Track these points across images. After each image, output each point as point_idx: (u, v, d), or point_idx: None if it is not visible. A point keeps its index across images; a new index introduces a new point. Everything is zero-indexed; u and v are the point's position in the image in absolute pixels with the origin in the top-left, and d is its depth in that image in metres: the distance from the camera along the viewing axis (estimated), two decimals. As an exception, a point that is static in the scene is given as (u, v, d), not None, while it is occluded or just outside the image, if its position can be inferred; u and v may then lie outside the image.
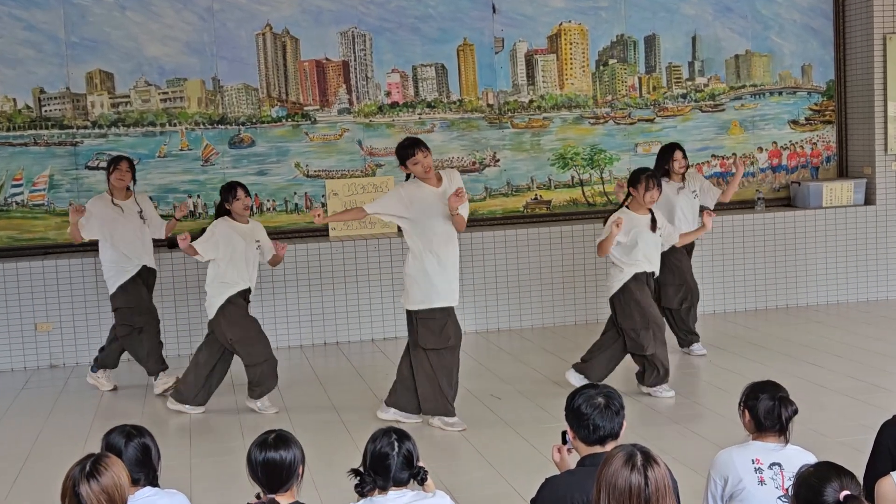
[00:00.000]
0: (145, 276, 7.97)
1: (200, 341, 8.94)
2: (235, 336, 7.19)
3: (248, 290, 7.32)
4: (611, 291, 7.36)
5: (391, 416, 6.84)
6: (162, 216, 9.15)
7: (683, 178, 8.45)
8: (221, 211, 7.33)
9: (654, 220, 7.27)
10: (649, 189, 7.17)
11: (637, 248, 7.23)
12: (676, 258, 8.31)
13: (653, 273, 7.37)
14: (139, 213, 7.89)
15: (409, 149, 6.62)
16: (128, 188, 7.95)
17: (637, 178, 7.27)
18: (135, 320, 7.86)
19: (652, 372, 7.30)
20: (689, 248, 8.58)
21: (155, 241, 8.19)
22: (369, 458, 3.60)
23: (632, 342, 7.29)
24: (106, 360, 8.10)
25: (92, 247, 9.24)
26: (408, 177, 6.76)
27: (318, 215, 6.76)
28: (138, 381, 8.27)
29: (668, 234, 7.49)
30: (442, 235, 6.61)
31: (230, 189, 7.28)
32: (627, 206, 7.34)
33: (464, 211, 6.64)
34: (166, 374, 7.97)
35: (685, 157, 8.47)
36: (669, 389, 7.31)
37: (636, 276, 7.27)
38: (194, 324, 9.11)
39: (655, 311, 7.33)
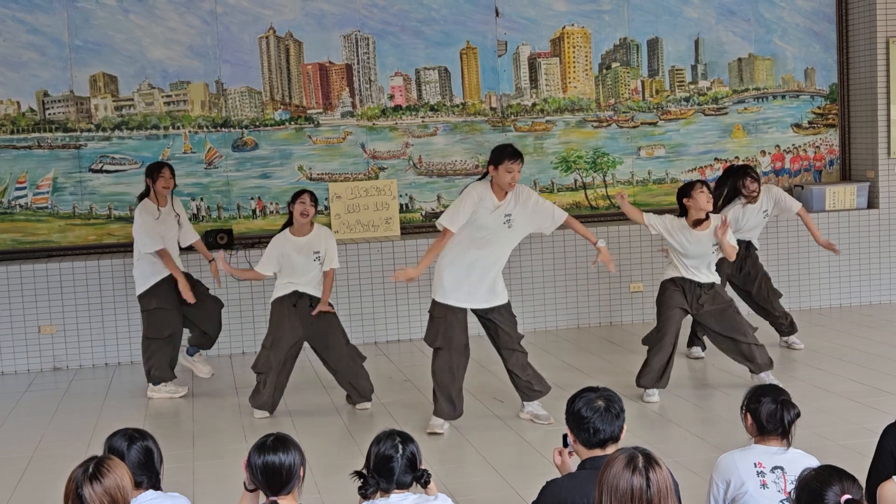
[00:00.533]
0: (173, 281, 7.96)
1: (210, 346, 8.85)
2: (267, 337, 7.23)
3: (305, 296, 7.16)
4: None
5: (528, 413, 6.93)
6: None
7: (756, 198, 8.31)
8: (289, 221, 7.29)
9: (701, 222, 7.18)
10: (703, 191, 7.11)
11: (679, 255, 7.25)
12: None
13: (708, 284, 7.28)
14: (176, 219, 7.92)
15: (513, 155, 6.49)
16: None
17: (691, 185, 7.20)
18: (168, 324, 7.87)
19: (644, 370, 7.35)
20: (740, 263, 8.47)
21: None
22: (373, 460, 3.61)
23: (650, 332, 7.47)
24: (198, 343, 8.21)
25: (95, 249, 9.26)
26: (483, 176, 6.69)
27: (404, 275, 6.51)
28: (142, 383, 8.28)
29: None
30: (481, 242, 6.57)
31: (295, 196, 7.18)
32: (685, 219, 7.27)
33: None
34: (175, 383, 7.99)
35: (756, 180, 8.23)
36: (654, 394, 7.30)
37: (673, 280, 7.28)
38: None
39: (672, 319, 7.27)
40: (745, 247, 8.45)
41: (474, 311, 6.79)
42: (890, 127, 10.26)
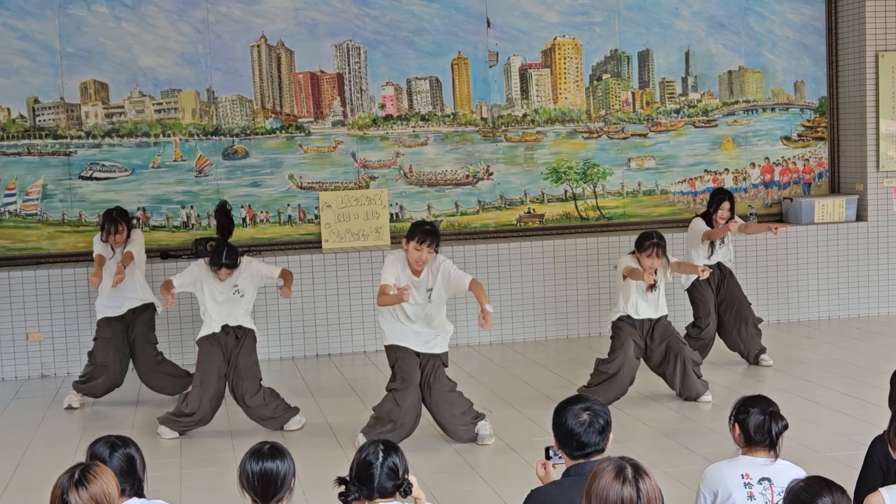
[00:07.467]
0: (132, 317, 7.88)
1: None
2: (195, 376, 7.11)
3: (232, 327, 7.08)
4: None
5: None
6: (154, 227, 9.25)
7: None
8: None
9: (653, 284, 7.37)
10: (650, 256, 7.27)
11: (629, 297, 7.45)
12: (700, 293, 8.41)
13: (656, 319, 7.49)
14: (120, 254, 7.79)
15: (424, 236, 6.49)
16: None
17: (641, 244, 7.34)
18: (103, 355, 7.83)
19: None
20: (717, 280, 8.52)
21: (149, 253, 8.30)
22: (355, 466, 3.62)
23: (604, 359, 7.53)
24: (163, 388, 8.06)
25: (85, 257, 9.24)
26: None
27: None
28: (129, 393, 8.26)
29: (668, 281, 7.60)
30: (409, 315, 6.59)
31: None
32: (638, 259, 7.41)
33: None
34: (80, 395, 7.94)
35: (731, 208, 8.35)
36: None
37: (622, 319, 7.48)
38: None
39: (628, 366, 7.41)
40: (719, 269, 8.51)
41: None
42: (879, 140, 10.30)
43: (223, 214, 7.61)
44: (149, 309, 7.95)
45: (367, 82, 9.92)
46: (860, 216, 10.46)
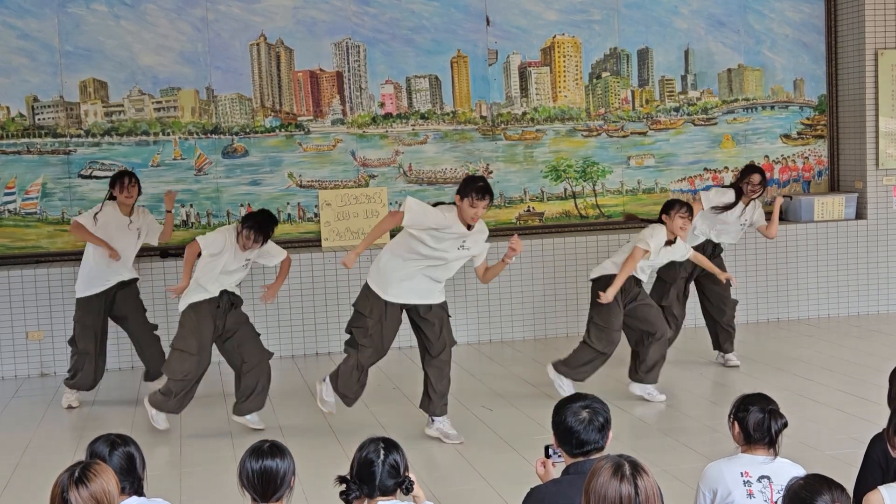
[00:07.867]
0: (116, 291, 7.86)
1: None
2: (176, 342, 6.92)
3: (225, 294, 6.96)
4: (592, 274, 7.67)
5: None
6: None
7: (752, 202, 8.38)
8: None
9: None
10: (683, 216, 7.27)
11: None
12: (670, 277, 8.36)
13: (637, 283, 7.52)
14: (136, 233, 7.85)
15: (481, 192, 6.40)
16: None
17: (671, 205, 7.37)
18: (85, 342, 7.80)
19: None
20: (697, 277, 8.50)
21: (148, 252, 8.31)
22: (356, 465, 3.62)
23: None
24: (151, 369, 8.04)
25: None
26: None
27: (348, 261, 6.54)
28: (129, 393, 8.26)
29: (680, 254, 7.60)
30: (434, 262, 6.55)
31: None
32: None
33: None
34: (76, 393, 7.92)
35: (761, 182, 8.26)
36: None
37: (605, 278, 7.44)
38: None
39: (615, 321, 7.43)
40: (712, 247, 8.46)
41: (407, 309, 6.74)
42: (878, 138, 10.30)
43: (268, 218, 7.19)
44: (134, 283, 7.96)
45: (367, 80, 9.92)
46: (860, 214, 10.47)
